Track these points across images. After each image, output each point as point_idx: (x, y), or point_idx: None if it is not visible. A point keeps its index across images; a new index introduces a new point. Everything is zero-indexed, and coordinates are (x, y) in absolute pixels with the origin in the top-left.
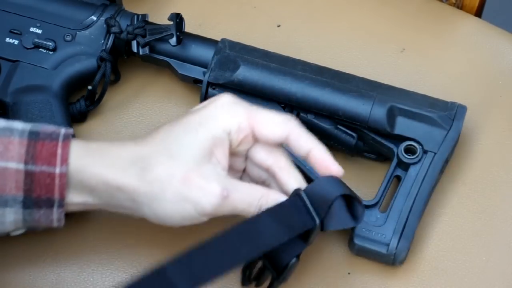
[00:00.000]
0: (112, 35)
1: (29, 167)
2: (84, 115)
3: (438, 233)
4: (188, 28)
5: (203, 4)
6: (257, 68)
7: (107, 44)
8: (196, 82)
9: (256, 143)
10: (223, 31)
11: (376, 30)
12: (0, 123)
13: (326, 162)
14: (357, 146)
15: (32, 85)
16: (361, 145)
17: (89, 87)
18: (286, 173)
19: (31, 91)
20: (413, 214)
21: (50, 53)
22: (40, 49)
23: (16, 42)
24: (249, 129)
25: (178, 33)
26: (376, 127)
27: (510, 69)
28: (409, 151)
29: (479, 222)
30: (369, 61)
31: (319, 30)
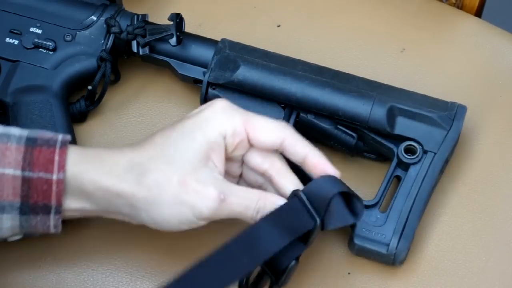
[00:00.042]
0: (112, 35)
1: (26, 174)
2: (84, 115)
3: (438, 233)
4: (188, 28)
5: (203, 4)
6: (257, 68)
7: (107, 44)
8: (196, 82)
9: (252, 148)
10: (223, 31)
11: (376, 30)
12: None
13: (323, 166)
14: (357, 146)
15: (32, 85)
16: (361, 145)
17: (89, 87)
18: (282, 177)
19: (31, 91)
20: (413, 214)
21: (50, 53)
22: (40, 49)
23: (16, 42)
24: (245, 134)
25: (178, 33)
26: (376, 127)
27: (510, 69)
28: (409, 151)
29: (479, 222)
30: (369, 61)
31: (319, 30)
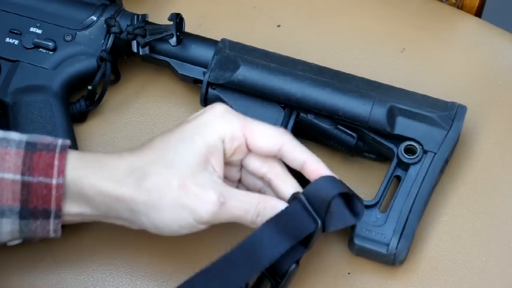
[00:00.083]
0: (112, 35)
1: (26, 178)
2: (84, 115)
3: (438, 233)
4: (188, 28)
5: (203, 4)
6: (257, 68)
7: (107, 44)
8: (196, 82)
9: (250, 153)
10: (223, 31)
11: (376, 30)
12: None
13: (322, 172)
14: (357, 146)
15: (32, 85)
16: (361, 145)
17: (89, 87)
18: (282, 180)
19: (31, 91)
20: (413, 214)
21: (50, 53)
22: (40, 49)
23: (16, 42)
24: (243, 139)
25: (178, 33)
26: (376, 127)
27: (510, 69)
28: (409, 151)
29: (479, 222)
30: (369, 61)
31: (319, 30)
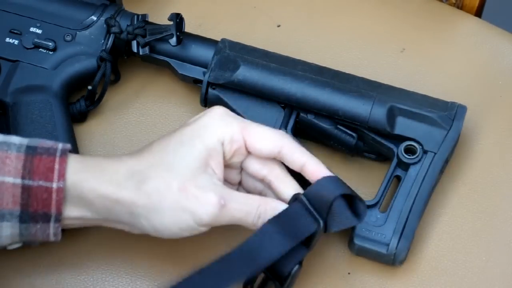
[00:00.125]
0: (112, 35)
1: (26, 182)
2: (84, 115)
3: (438, 233)
4: (188, 28)
5: (203, 4)
6: (257, 68)
7: (107, 44)
8: (196, 82)
9: (250, 155)
10: (223, 31)
11: (376, 30)
12: None
13: (321, 174)
14: (357, 146)
15: (32, 85)
16: (361, 145)
17: (89, 87)
18: (282, 182)
19: (31, 91)
20: (413, 214)
21: (50, 53)
22: (40, 49)
23: (16, 42)
24: (242, 141)
25: (178, 33)
26: (376, 127)
27: (510, 69)
28: (409, 151)
29: (479, 222)
30: (369, 61)
31: (319, 30)
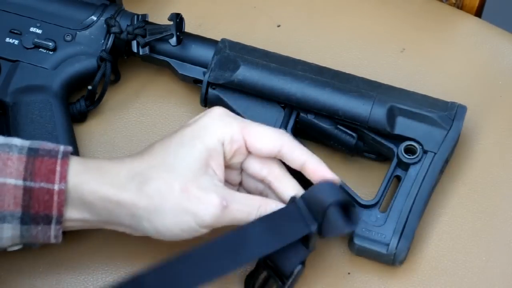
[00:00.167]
0: (112, 35)
1: (28, 184)
2: (84, 115)
3: (438, 233)
4: (188, 28)
5: (203, 4)
6: (257, 68)
7: (107, 44)
8: (196, 82)
9: (250, 155)
10: (223, 31)
11: (376, 30)
12: None
13: (321, 173)
14: (357, 146)
15: (32, 85)
16: (361, 145)
17: (89, 87)
18: (282, 182)
19: (31, 91)
20: (413, 214)
21: (50, 53)
22: (40, 49)
23: (16, 42)
24: (242, 141)
25: (178, 33)
26: (376, 127)
27: (510, 69)
28: (409, 151)
29: (479, 222)
30: (369, 61)
31: (319, 30)
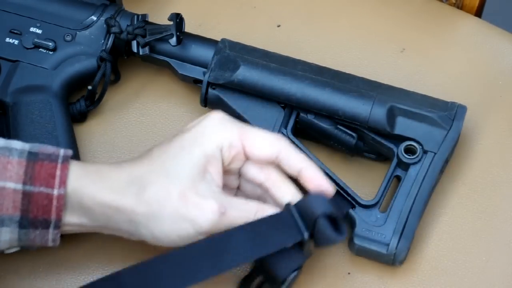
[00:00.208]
0: (112, 35)
1: (27, 188)
2: (84, 115)
3: (438, 233)
4: (188, 28)
5: (203, 4)
6: (257, 68)
7: (107, 44)
8: (196, 82)
9: (248, 160)
10: (223, 31)
11: (376, 30)
12: None
13: (317, 181)
14: (357, 146)
15: (32, 85)
16: (361, 145)
17: (89, 87)
18: (279, 188)
19: (31, 91)
20: (413, 214)
21: (50, 53)
22: (40, 49)
23: (16, 42)
24: (241, 146)
25: (178, 33)
26: (376, 127)
27: (510, 69)
28: (409, 151)
29: (479, 222)
30: (369, 61)
31: (319, 30)
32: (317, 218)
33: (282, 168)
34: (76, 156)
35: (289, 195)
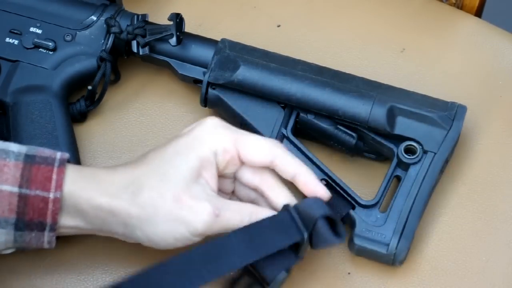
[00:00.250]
0: (112, 35)
1: (23, 191)
2: (84, 115)
3: (438, 233)
4: (188, 28)
5: (203, 4)
6: (257, 68)
7: (107, 44)
8: (196, 82)
9: (243, 165)
10: (223, 31)
11: (376, 30)
12: None
13: (312, 186)
14: (357, 146)
15: (32, 85)
16: (361, 145)
17: (89, 87)
18: (274, 191)
19: (31, 91)
20: (413, 214)
21: (50, 53)
22: (40, 49)
23: (16, 42)
24: (235, 151)
25: (178, 33)
26: (376, 127)
27: (510, 69)
28: (409, 151)
29: (479, 222)
30: (369, 61)
31: (319, 30)
32: (317, 220)
33: (278, 172)
34: (76, 156)
35: (285, 199)
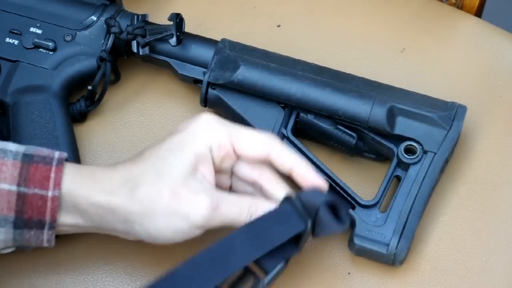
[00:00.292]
0: (112, 35)
1: (22, 189)
2: (84, 115)
3: (438, 233)
4: (188, 28)
5: (203, 4)
6: (257, 68)
7: (107, 44)
8: (196, 82)
9: (240, 159)
10: (223, 31)
11: (376, 30)
12: None
13: (309, 178)
14: (357, 146)
15: (32, 85)
16: (361, 145)
17: (89, 87)
18: (272, 185)
19: (31, 91)
20: (413, 214)
21: (50, 53)
22: (40, 49)
23: (16, 42)
24: (230, 146)
25: (178, 33)
26: (376, 127)
27: (510, 69)
28: (409, 151)
29: (479, 222)
30: (369, 61)
31: (319, 30)
32: (319, 207)
33: (274, 166)
34: (76, 156)
35: (284, 192)
